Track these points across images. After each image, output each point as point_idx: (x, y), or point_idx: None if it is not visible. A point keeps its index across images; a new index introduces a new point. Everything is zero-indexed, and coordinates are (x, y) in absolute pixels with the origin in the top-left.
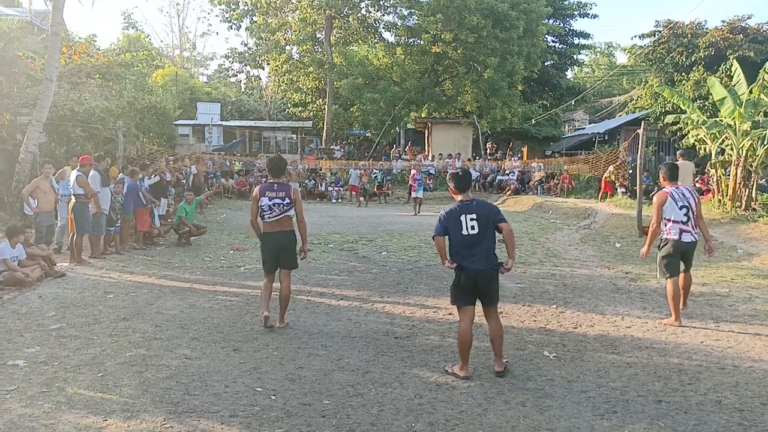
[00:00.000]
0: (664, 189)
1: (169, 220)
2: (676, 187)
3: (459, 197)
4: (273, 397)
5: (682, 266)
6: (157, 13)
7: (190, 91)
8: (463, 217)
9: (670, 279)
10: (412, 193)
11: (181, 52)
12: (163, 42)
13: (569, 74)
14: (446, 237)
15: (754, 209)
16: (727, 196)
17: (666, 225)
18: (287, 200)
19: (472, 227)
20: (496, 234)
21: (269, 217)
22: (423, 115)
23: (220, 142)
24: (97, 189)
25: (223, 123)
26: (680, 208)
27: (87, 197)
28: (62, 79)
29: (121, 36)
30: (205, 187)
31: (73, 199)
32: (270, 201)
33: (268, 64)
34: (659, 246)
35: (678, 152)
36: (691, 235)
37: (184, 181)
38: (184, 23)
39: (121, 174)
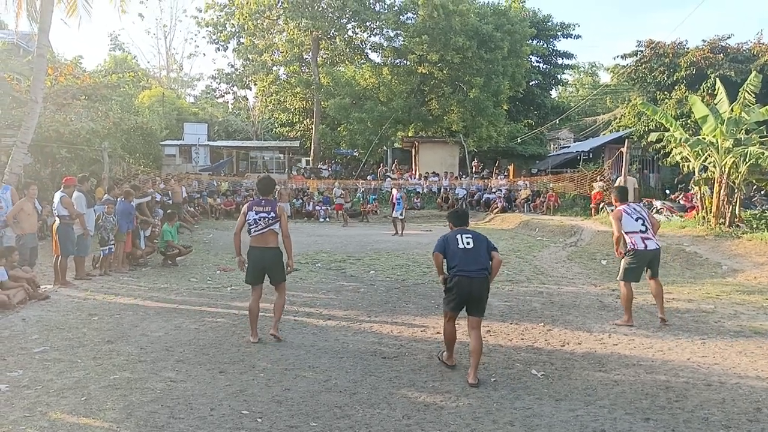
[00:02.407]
0: (618, 207)
1: (155, 241)
2: (627, 205)
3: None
4: (259, 420)
5: (649, 273)
6: (144, 35)
7: (176, 111)
8: (459, 236)
9: (624, 283)
10: (394, 212)
11: (168, 73)
12: (150, 63)
13: (554, 93)
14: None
15: (737, 226)
16: (711, 212)
17: (630, 237)
18: (272, 214)
19: (468, 243)
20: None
21: (255, 231)
22: (410, 134)
23: (207, 162)
24: (82, 210)
25: (210, 143)
26: (636, 220)
27: (71, 218)
28: (48, 100)
29: (107, 57)
30: (185, 208)
31: (57, 221)
32: (256, 215)
33: (255, 84)
34: (626, 253)
35: (622, 171)
36: (654, 242)
37: (169, 201)
38: (171, 45)
39: (106, 195)
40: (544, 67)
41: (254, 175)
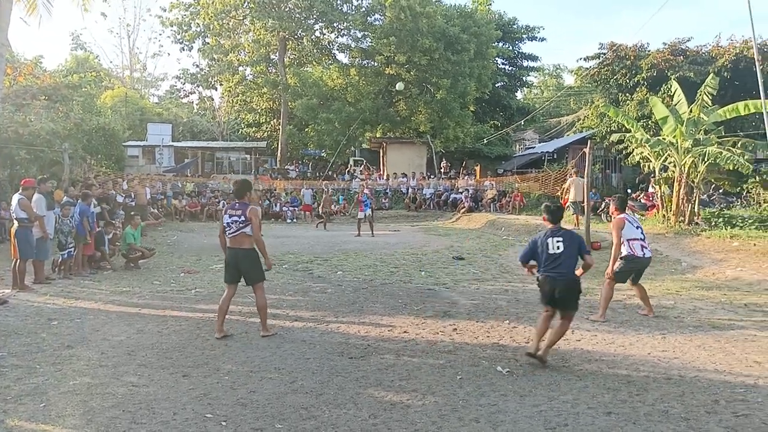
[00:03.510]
0: (619, 216)
1: (117, 243)
2: (627, 213)
3: (550, 226)
4: (223, 423)
5: (633, 278)
6: (107, 34)
7: (140, 111)
8: (550, 240)
9: (612, 282)
10: (360, 213)
11: (132, 73)
12: (113, 63)
13: (519, 95)
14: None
15: (696, 223)
16: (671, 211)
17: (630, 244)
18: (242, 218)
19: (558, 247)
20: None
21: (229, 233)
22: (378, 135)
23: (171, 163)
24: (42, 213)
25: (175, 144)
26: (636, 228)
27: (30, 221)
28: (6, 100)
29: (69, 57)
30: (149, 209)
31: (16, 224)
32: (230, 218)
33: (221, 84)
34: (622, 258)
35: (573, 171)
36: (648, 250)
37: (132, 203)
38: (135, 44)
39: (65, 197)
40: (510, 69)
41: (220, 176)
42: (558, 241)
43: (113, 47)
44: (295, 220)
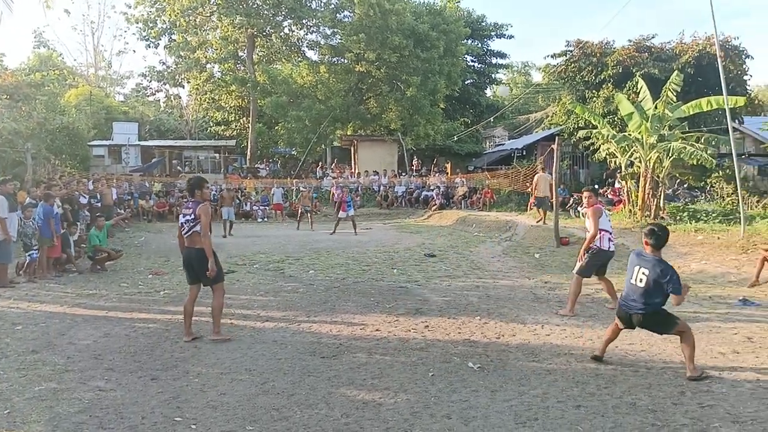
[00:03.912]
0: (596, 204)
1: (83, 245)
2: (602, 204)
3: (649, 250)
4: (193, 426)
5: (599, 272)
6: (70, 32)
7: (105, 110)
8: (636, 268)
9: (579, 276)
10: (342, 213)
11: (96, 71)
12: (77, 61)
13: (488, 92)
14: None
15: (662, 218)
16: (637, 206)
17: (600, 234)
18: (192, 216)
19: (641, 281)
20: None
21: (183, 233)
22: (348, 133)
23: (138, 163)
24: (3, 215)
25: (141, 143)
26: (608, 220)
27: None
28: None
29: (31, 55)
30: (115, 210)
31: None
32: (183, 218)
33: (188, 82)
34: (588, 252)
35: (539, 167)
36: (613, 244)
37: (98, 203)
38: (99, 42)
39: (28, 198)
40: (479, 66)
41: (190, 175)
42: (643, 274)
43: (77, 45)
44: (266, 219)
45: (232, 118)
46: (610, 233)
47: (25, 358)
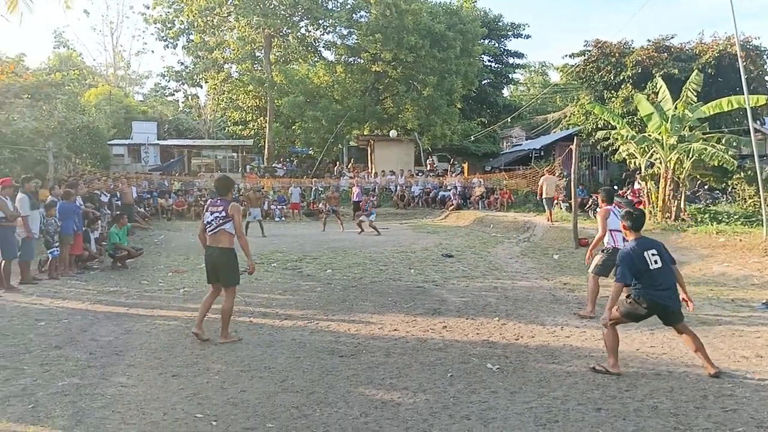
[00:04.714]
0: (605, 207)
1: (103, 243)
2: (612, 206)
3: (632, 236)
4: (214, 423)
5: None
6: (89, 32)
7: (125, 110)
8: (647, 253)
9: (595, 276)
10: (365, 217)
11: (115, 71)
12: (96, 61)
13: (505, 92)
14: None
15: (683, 219)
16: (657, 207)
17: (613, 235)
18: (223, 213)
19: (656, 261)
20: None
21: (209, 231)
22: (365, 133)
23: (157, 162)
24: (25, 212)
25: (160, 142)
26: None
27: (9, 221)
28: None
29: (52, 55)
30: (135, 208)
31: None
32: (211, 215)
33: (206, 82)
34: (603, 250)
35: (545, 169)
36: None
37: (118, 202)
38: (118, 42)
39: (50, 197)
40: (496, 66)
41: (207, 174)
42: (654, 254)
43: (96, 45)
44: (283, 219)
45: (250, 118)
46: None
47: (48, 354)
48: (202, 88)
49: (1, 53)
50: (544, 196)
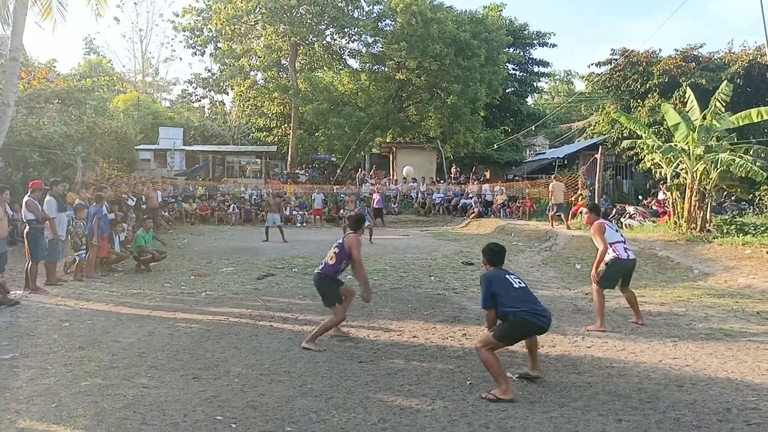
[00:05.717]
0: (598, 221)
1: (128, 246)
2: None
3: (491, 269)
4: (233, 425)
5: (621, 283)
6: (119, 39)
7: (152, 115)
8: (507, 276)
9: (599, 289)
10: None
11: (144, 77)
12: (125, 67)
13: (530, 101)
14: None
15: (708, 230)
16: (682, 218)
17: (614, 247)
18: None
19: (519, 282)
20: None
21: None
22: (388, 140)
23: (182, 167)
24: (53, 215)
25: (186, 147)
26: (616, 231)
27: (39, 222)
28: (20, 104)
29: (82, 61)
30: (159, 212)
31: (27, 226)
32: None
33: (232, 89)
34: (607, 263)
35: (553, 176)
36: (631, 252)
37: (144, 205)
38: (147, 49)
39: (78, 200)
40: (521, 74)
41: (230, 180)
42: (515, 277)
43: (126, 52)
44: (305, 224)
45: (274, 125)
46: (624, 241)
47: (72, 354)
48: (228, 95)
49: (33, 59)
50: (552, 202)
